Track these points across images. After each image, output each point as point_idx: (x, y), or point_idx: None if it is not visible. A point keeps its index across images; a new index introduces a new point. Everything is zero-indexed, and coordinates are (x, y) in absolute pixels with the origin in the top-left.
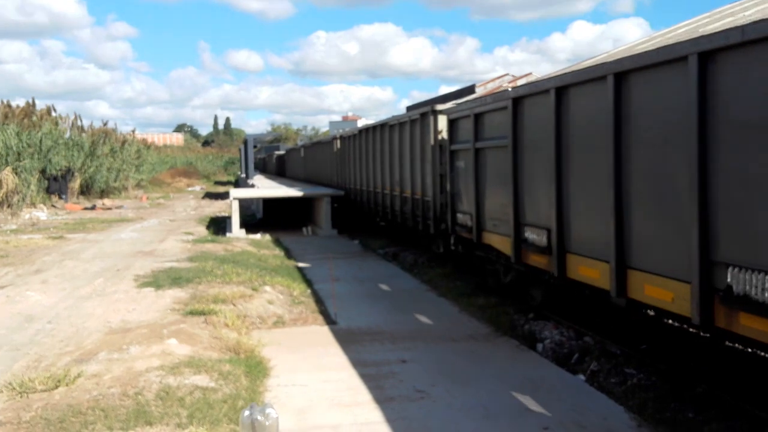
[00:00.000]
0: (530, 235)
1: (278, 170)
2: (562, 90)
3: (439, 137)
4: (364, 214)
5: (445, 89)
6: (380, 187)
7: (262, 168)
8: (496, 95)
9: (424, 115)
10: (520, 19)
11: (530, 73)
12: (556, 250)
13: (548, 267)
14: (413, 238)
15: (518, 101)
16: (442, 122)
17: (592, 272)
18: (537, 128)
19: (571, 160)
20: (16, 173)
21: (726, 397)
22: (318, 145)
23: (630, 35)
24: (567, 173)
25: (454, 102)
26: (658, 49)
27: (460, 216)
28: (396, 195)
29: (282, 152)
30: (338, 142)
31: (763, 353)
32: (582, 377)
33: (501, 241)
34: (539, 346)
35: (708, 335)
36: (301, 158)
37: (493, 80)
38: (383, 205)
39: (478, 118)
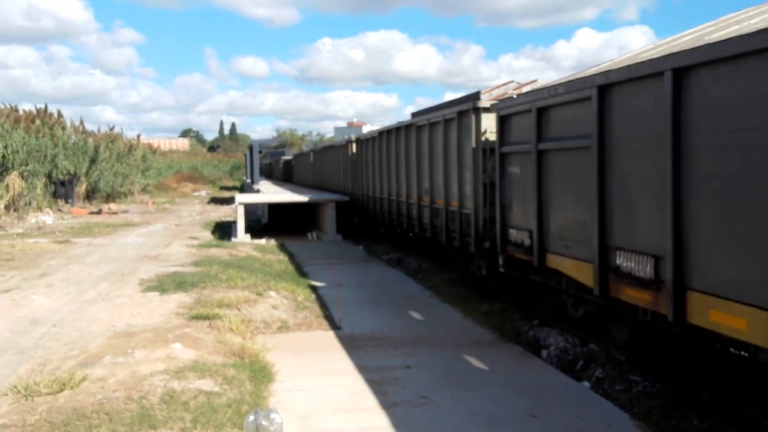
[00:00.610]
0: (625, 262)
1: (284, 176)
2: (683, 72)
3: (483, 138)
4: (384, 225)
5: (450, 96)
6: (405, 196)
7: (268, 173)
8: (572, 83)
9: (462, 114)
10: (524, 27)
11: (535, 80)
12: (671, 285)
13: (654, 306)
14: (440, 253)
15: (607, 90)
16: (488, 121)
17: (735, 321)
18: (638, 124)
19: (699, 165)
20: (23, 177)
21: (730, 405)
22: (329, 150)
23: (635, 43)
24: (690, 183)
25: (508, 93)
26: None
27: (513, 233)
28: (425, 206)
29: (289, 157)
30: (353, 146)
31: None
32: (587, 384)
33: (576, 267)
34: (544, 353)
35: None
36: (310, 163)
37: (498, 87)
38: (408, 217)
39: (542, 113)
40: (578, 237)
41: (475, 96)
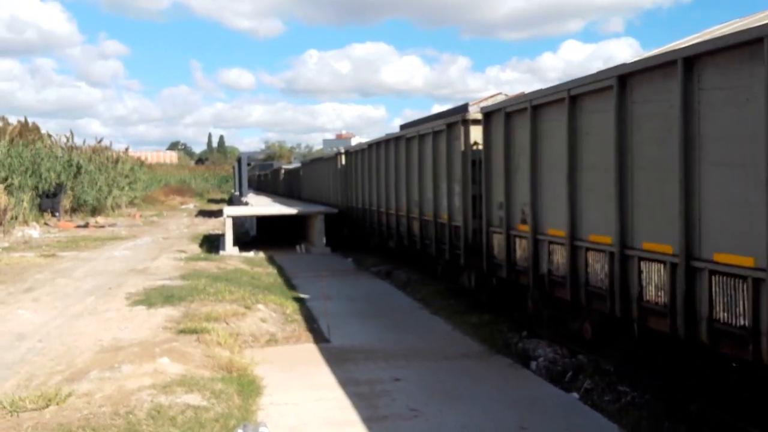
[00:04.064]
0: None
1: (273, 188)
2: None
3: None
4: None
5: (437, 108)
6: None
7: (256, 186)
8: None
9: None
10: (510, 39)
11: (522, 92)
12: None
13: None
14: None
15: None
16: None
17: None
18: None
19: None
20: (8, 191)
21: (719, 415)
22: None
23: (621, 55)
24: None
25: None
26: None
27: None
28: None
29: (278, 169)
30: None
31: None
32: (576, 395)
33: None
34: (533, 364)
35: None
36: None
37: (486, 99)
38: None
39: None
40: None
41: (464, 108)
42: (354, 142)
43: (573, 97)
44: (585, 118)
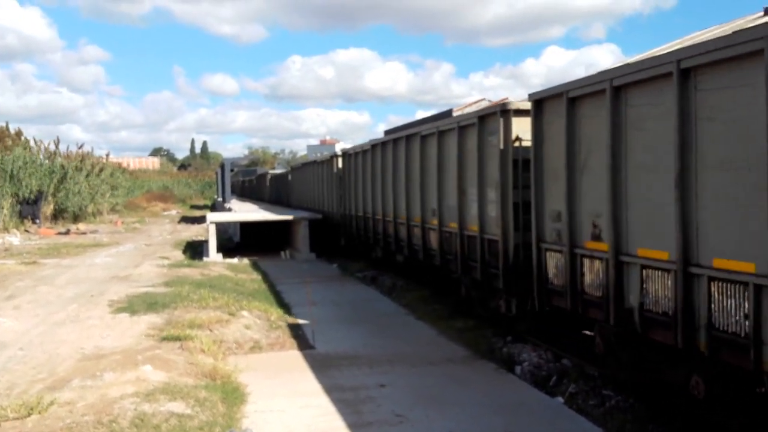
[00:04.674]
0: None
1: (259, 194)
2: None
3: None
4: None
5: (422, 114)
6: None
7: (240, 192)
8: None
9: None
10: (493, 45)
11: (506, 98)
12: None
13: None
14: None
15: None
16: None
17: None
18: None
19: None
20: None
21: (703, 415)
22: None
23: (602, 61)
24: None
25: None
26: None
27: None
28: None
29: (263, 174)
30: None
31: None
32: (560, 399)
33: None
34: (517, 369)
35: None
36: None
37: (470, 105)
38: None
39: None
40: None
41: (448, 113)
42: (338, 147)
43: (684, 70)
44: (704, 98)
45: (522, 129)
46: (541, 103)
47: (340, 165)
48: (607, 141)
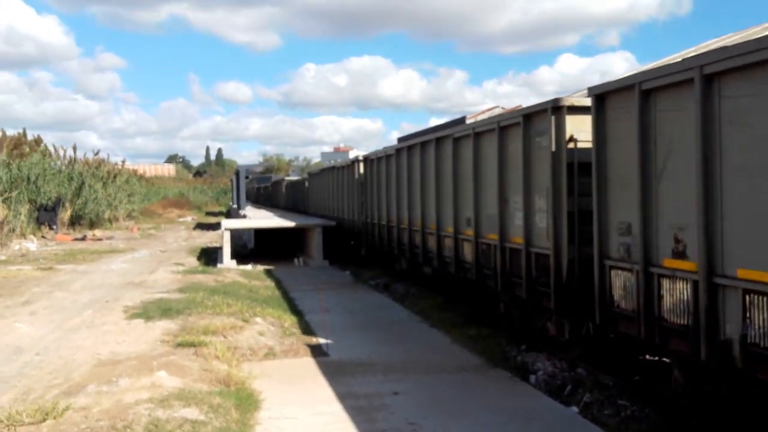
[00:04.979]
0: None
1: (274, 201)
2: None
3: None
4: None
5: (435, 121)
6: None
7: (255, 199)
8: None
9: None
10: (507, 53)
11: (520, 105)
12: None
13: None
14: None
15: None
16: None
17: None
18: None
19: None
20: (6, 204)
21: (720, 427)
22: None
23: (617, 68)
24: None
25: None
26: None
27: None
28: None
29: (279, 181)
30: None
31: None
32: (575, 409)
33: None
34: (532, 378)
35: None
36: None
37: (483, 112)
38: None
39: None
40: None
41: (461, 121)
42: (352, 155)
43: None
44: None
45: (576, 128)
46: (603, 98)
47: (361, 170)
48: (696, 140)
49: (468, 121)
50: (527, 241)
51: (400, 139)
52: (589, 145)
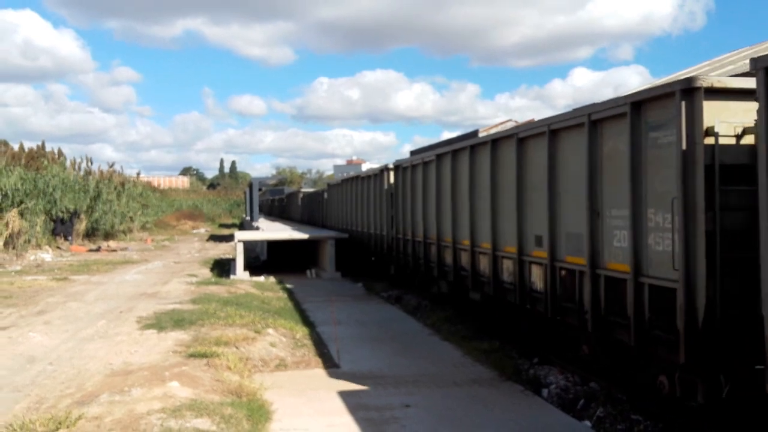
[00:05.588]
0: None
1: (289, 214)
2: None
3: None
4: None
5: (447, 134)
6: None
7: (268, 211)
8: None
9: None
10: (519, 66)
11: (532, 119)
12: None
13: None
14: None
15: None
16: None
17: None
18: None
19: None
20: (22, 215)
21: None
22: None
23: (630, 82)
24: None
25: None
26: None
27: None
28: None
29: (294, 193)
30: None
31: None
32: (588, 423)
33: None
34: (544, 392)
35: None
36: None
37: (496, 126)
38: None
39: None
40: None
41: (473, 134)
42: (365, 167)
43: None
44: None
45: (716, 118)
46: None
47: (391, 180)
48: None
49: (480, 134)
50: (636, 268)
51: (412, 152)
52: (733, 141)
